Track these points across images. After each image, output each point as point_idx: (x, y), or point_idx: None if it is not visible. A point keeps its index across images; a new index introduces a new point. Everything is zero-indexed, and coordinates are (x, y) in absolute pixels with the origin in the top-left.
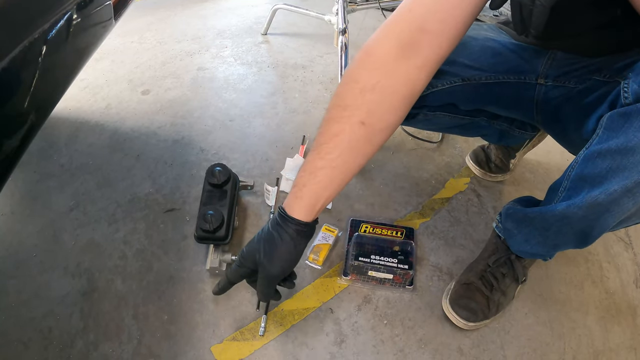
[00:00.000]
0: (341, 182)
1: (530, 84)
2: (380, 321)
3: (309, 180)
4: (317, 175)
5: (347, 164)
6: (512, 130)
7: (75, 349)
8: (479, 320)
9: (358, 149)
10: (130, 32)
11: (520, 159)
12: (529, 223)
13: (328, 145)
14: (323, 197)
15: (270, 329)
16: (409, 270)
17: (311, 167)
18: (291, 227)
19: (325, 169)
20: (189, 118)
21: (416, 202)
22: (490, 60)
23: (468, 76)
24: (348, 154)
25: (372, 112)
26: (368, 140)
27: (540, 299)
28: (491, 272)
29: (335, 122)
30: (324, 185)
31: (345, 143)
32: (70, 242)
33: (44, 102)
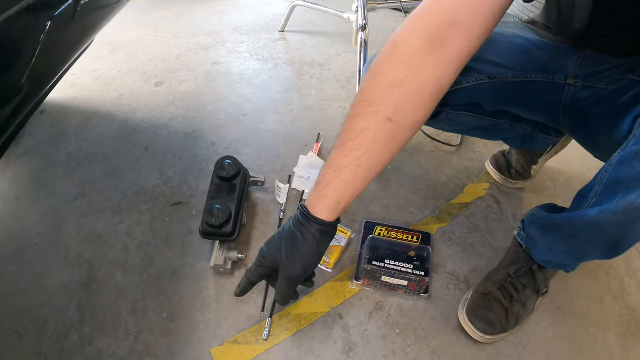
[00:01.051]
0: (365, 181)
1: (559, 84)
2: (392, 330)
3: (333, 179)
4: (342, 174)
5: (372, 162)
6: (536, 134)
7: (69, 342)
8: (497, 333)
9: (384, 146)
10: (146, 26)
11: (542, 166)
12: (555, 230)
13: (354, 143)
14: (347, 196)
15: (275, 333)
16: (424, 277)
17: (336, 164)
18: (314, 227)
19: (350, 167)
20: (202, 111)
21: (433, 206)
22: (517, 58)
23: (495, 74)
24: (373, 151)
25: (399, 108)
26: (394, 137)
27: (560, 313)
28: (511, 282)
29: (360, 119)
30: (348, 183)
31: (371, 140)
32: (73, 231)
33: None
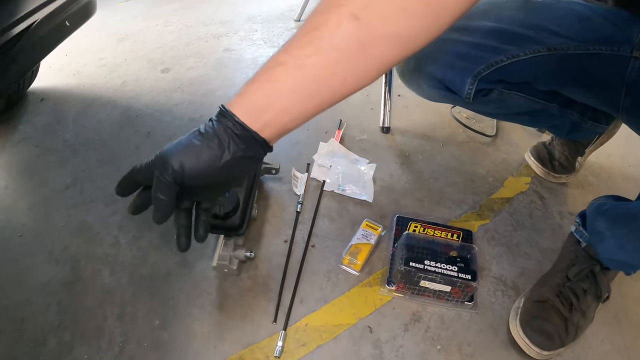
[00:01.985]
0: (308, 94)
1: (624, 57)
2: (432, 346)
3: (261, 76)
4: (274, 72)
5: (320, 69)
6: (584, 122)
7: (47, 348)
8: (555, 347)
9: (343, 53)
10: (156, 17)
11: (587, 158)
12: (629, 222)
13: (302, 40)
14: (274, 105)
15: (289, 348)
16: (471, 282)
17: (272, 61)
18: (223, 123)
19: (286, 65)
20: (210, 97)
21: (472, 201)
22: (578, 27)
23: (554, 44)
24: (326, 56)
25: (374, 6)
26: (360, 45)
27: (615, 322)
28: (570, 287)
29: (318, 14)
30: (279, 87)
31: (326, 39)
32: (60, 223)
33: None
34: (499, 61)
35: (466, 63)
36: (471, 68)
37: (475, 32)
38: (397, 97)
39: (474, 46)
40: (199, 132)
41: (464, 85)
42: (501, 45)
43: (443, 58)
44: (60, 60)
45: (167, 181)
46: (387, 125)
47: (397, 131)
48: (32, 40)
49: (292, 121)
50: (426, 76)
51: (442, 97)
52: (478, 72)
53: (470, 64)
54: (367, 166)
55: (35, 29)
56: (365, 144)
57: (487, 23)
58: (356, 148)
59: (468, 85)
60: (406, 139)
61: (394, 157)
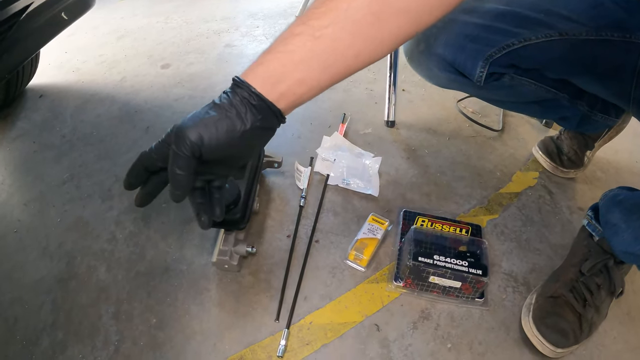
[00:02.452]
0: (323, 65)
1: (636, 44)
2: (442, 344)
3: (277, 46)
4: (291, 42)
5: (337, 41)
6: (594, 114)
7: (39, 348)
8: (570, 345)
9: (358, 24)
10: (157, 14)
11: (596, 152)
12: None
13: (318, 11)
14: (290, 76)
15: (292, 347)
16: (482, 278)
17: (288, 32)
18: (239, 94)
19: (303, 36)
20: (210, 92)
21: (480, 196)
22: (590, 12)
23: (566, 30)
24: (342, 27)
25: None
26: (375, 17)
27: (628, 319)
28: (584, 282)
29: None
30: (296, 58)
31: (342, 10)
32: (56, 218)
33: None
34: (511, 44)
35: (477, 45)
36: (483, 50)
37: (486, 15)
38: (401, 92)
39: (485, 28)
40: (214, 103)
41: (475, 68)
42: (513, 28)
43: (454, 40)
44: (60, 57)
45: (185, 155)
46: (391, 119)
47: (402, 125)
48: (26, 29)
49: (307, 92)
50: (436, 59)
51: (452, 81)
52: (490, 55)
53: (481, 46)
54: (372, 160)
55: (30, 18)
56: (369, 137)
57: (498, 6)
58: (360, 142)
59: (479, 68)
60: (411, 133)
61: (400, 151)
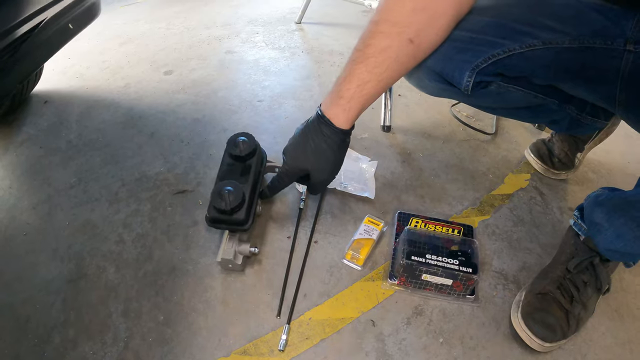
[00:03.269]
0: (381, 93)
1: (617, 50)
2: (434, 339)
3: (356, 94)
4: (364, 89)
5: (391, 78)
6: (583, 117)
7: (50, 345)
8: (557, 339)
9: (404, 64)
10: (159, 20)
11: (586, 154)
12: (627, 210)
13: (376, 59)
14: (366, 107)
15: (293, 342)
16: (472, 275)
17: (359, 80)
18: (339, 137)
19: (372, 82)
20: (213, 97)
21: (473, 197)
22: (573, 21)
23: (550, 39)
24: (394, 69)
25: (421, 31)
26: (413, 57)
27: (617, 315)
28: (571, 279)
29: (384, 37)
30: (369, 97)
31: (393, 59)
32: (65, 221)
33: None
34: (496, 54)
35: (464, 56)
36: (469, 61)
37: (472, 27)
38: (397, 97)
39: (471, 40)
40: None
41: (463, 77)
42: (498, 39)
43: (442, 52)
44: (64, 63)
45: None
46: (387, 124)
47: (398, 130)
48: (36, 41)
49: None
50: (426, 70)
51: (442, 90)
52: (476, 65)
53: (468, 57)
54: (368, 164)
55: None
56: (366, 142)
57: (484, 18)
58: (358, 146)
59: (466, 77)
60: (407, 137)
61: (395, 155)
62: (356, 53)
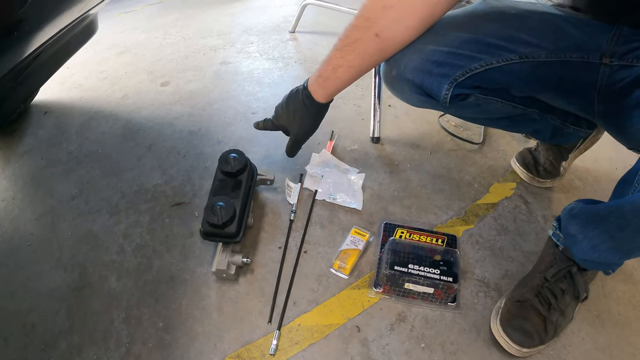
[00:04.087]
0: (354, 78)
1: (594, 64)
2: (416, 344)
3: (331, 75)
4: (337, 72)
5: (361, 66)
6: (566, 126)
7: (57, 351)
8: (535, 345)
9: (372, 55)
10: (156, 28)
11: (572, 162)
12: (599, 223)
13: (349, 48)
14: (340, 88)
15: (283, 347)
16: (453, 284)
17: (334, 63)
18: (316, 108)
19: (343, 67)
20: (208, 109)
21: (458, 207)
22: (551, 36)
23: (526, 53)
24: (363, 58)
25: (388, 27)
26: (380, 50)
27: (598, 321)
28: (549, 287)
29: (357, 30)
30: (342, 80)
31: (362, 49)
32: (68, 232)
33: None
34: (474, 68)
35: (443, 70)
36: (448, 74)
37: (452, 42)
38: (387, 107)
39: (449, 54)
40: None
41: (441, 90)
42: (475, 54)
43: (422, 66)
44: (63, 73)
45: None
46: (377, 136)
47: (387, 141)
48: (39, 63)
49: (344, 88)
50: (407, 82)
51: (423, 102)
52: (454, 79)
53: (446, 70)
54: (357, 175)
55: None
56: (356, 154)
57: (463, 34)
58: (347, 158)
59: (444, 90)
60: (395, 148)
61: (384, 166)
62: (338, 41)
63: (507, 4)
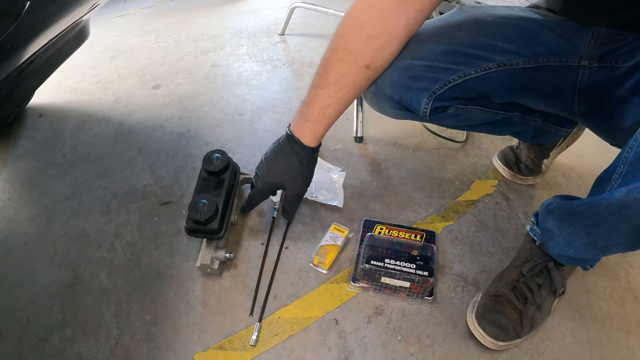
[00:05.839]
0: (343, 112)
1: (573, 67)
2: (393, 336)
3: (320, 117)
4: (327, 112)
5: (350, 100)
6: (548, 126)
7: (50, 344)
8: (510, 339)
9: (361, 86)
10: (148, 32)
11: (553, 160)
12: (575, 219)
13: (336, 85)
14: (330, 126)
15: (263, 338)
16: (428, 278)
17: (322, 104)
18: (308, 153)
19: (333, 106)
20: (198, 112)
21: (438, 204)
22: (527, 42)
23: (504, 61)
24: (352, 91)
25: (376, 57)
26: (368, 79)
27: (578, 316)
28: (525, 282)
29: (342, 64)
30: (332, 118)
31: (351, 84)
32: (61, 231)
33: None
34: (452, 80)
35: (421, 84)
36: (426, 88)
37: (428, 55)
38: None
39: (427, 68)
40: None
41: (420, 104)
42: (453, 65)
43: (399, 81)
44: (57, 77)
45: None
46: (360, 135)
47: (370, 140)
48: (32, 69)
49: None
50: (386, 98)
51: (403, 115)
52: (433, 92)
53: (424, 84)
54: (338, 174)
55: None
56: (338, 153)
57: (439, 46)
58: (330, 157)
59: (424, 104)
60: (378, 148)
61: (366, 165)
62: (318, 78)
63: (483, 11)
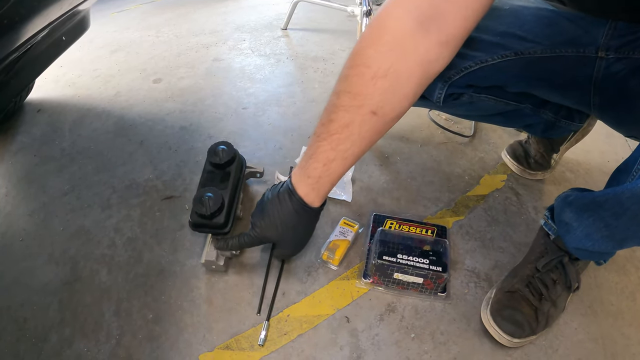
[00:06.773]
0: (352, 165)
1: (590, 58)
2: (406, 334)
3: (323, 174)
4: (331, 167)
5: (356, 154)
6: (558, 120)
7: (48, 344)
8: (525, 335)
9: (368, 139)
10: (149, 27)
11: (562, 155)
12: (594, 211)
13: (340, 136)
14: (336, 181)
15: (272, 337)
16: (442, 274)
17: (324, 158)
18: (309, 215)
19: (337, 161)
20: (200, 105)
21: (448, 199)
22: (545, 31)
23: (522, 49)
24: (359, 144)
25: (384, 101)
26: (378, 130)
27: (591, 312)
28: (540, 278)
29: (345, 112)
30: (337, 175)
31: (356, 135)
32: (60, 227)
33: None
34: (468, 67)
35: None
36: (441, 74)
37: None
38: None
39: None
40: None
41: (434, 90)
42: (469, 52)
43: None
44: (56, 72)
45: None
46: None
47: None
48: (31, 57)
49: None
50: None
51: (416, 101)
52: (448, 78)
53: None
54: None
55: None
56: None
57: None
58: None
59: (438, 90)
60: (385, 142)
61: (374, 159)
62: (320, 128)
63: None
